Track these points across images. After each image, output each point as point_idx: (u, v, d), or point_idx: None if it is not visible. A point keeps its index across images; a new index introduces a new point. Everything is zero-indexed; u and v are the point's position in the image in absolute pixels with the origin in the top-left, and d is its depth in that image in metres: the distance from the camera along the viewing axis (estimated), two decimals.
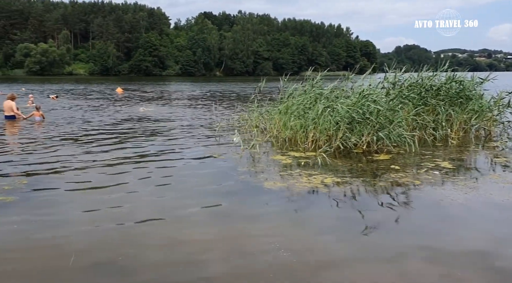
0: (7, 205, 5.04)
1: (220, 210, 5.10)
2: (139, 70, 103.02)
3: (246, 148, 8.51)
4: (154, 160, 7.71)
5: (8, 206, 5.02)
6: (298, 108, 9.32)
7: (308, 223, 4.78)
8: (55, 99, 23.55)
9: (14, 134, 11.33)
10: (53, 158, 7.81)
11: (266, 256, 3.83)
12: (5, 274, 3.47)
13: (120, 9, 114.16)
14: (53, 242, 4.08)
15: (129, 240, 4.14)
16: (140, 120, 14.12)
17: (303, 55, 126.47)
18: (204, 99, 26.38)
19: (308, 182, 6.13)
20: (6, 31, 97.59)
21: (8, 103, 13.47)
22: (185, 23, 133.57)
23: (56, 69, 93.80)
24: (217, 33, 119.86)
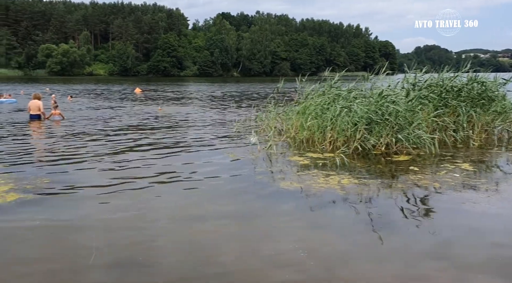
0: (28, 203, 5.12)
1: (237, 210, 5.09)
2: (158, 71, 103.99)
3: (263, 148, 8.48)
4: (171, 160, 7.74)
5: (30, 204, 5.09)
6: (316, 109, 9.25)
7: (324, 224, 4.73)
8: (70, 99, 23.91)
9: (37, 133, 11.54)
10: (74, 157, 7.91)
11: (282, 257, 3.80)
12: (27, 271, 3.52)
13: (140, 10, 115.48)
14: (74, 240, 4.13)
15: (147, 239, 4.16)
16: (158, 120, 14.23)
17: (321, 55, 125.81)
18: (221, 99, 26.46)
19: (325, 183, 6.07)
20: (28, 32, 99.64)
21: (36, 103, 13.74)
22: (203, 23, 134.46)
23: (76, 69, 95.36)
24: (235, 33, 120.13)
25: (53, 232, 4.32)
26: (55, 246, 3.99)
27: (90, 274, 3.45)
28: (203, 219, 4.77)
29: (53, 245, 4.01)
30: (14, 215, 4.74)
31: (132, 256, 3.77)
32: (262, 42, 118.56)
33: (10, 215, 4.74)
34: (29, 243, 4.06)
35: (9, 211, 4.84)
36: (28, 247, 3.98)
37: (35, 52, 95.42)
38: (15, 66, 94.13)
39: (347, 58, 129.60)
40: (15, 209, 4.90)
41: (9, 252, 3.85)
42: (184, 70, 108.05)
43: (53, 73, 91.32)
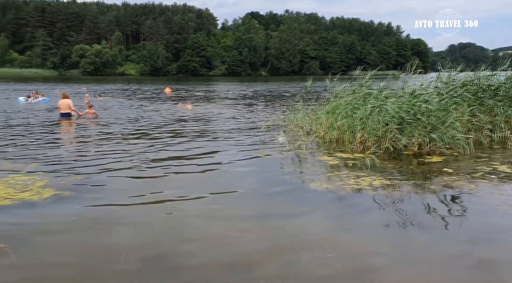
0: (63, 199, 5.27)
1: (265, 210, 5.07)
2: (187, 70, 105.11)
3: (291, 148, 8.43)
4: (199, 159, 7.81)
5: (65, 201, 5.23)
6: (346, 108, 9.12)
7: (354, 225, 4.65)
8: (100, 98, 24.47)
9: (70, 131, 11.87)
10: (106, 154, 8.09)
11: (311, 257, 3.76)
12: (61, 266, 3.61)
13: (170, 11, 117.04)
14: (106, 237, 4.21)
15: (176, 238, 4.20)
16: (187, 119, 14.37)
17: (351, 54, 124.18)
18: (250, 98, 26.51)
19: (356, 184, 5.97)
20: (63, 33, 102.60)
21: (65, 101, 14.18)
22: (232, 23, 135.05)
23: (109, 69, 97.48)
24: (264, 32, 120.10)
25: (87, 228, 4.42)
26: (88, 243, 4.08)
27: (121, 271, 3.50)
28: (231, 218, 4.77)
29: (87, 242, 4.10)
30: (50, 211, 4.88)
31: (162, 255, 3.80)
32: (291, 41, 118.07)
33: (47, 211, 4.89)
34: (64, 239, 4.16)
35: (45, 207, 4.99)
36: (62, 242, 4.08)
37: (70, 52, 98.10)
38: (51, 66, 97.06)
39: (378, 57, 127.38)
40: (51, 205, 5.05)
41: (45, 247, 3.96)
42: (213, 70, 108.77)
43: (86, 73, 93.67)
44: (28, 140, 9.81)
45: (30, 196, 5.30)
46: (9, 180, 5.97)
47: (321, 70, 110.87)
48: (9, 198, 5.19)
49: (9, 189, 5.52)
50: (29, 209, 4.89)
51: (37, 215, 4.75)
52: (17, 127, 12.15)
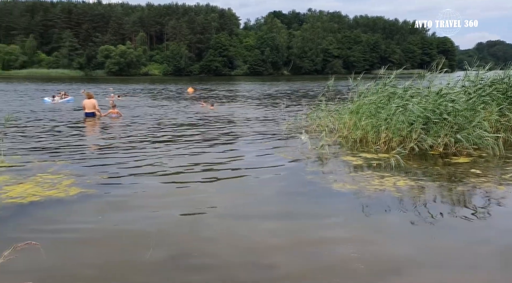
0: (89, 198, 5.37)
1: (287, 210, 5.05)
2: (209, 70, 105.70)
3: (314, 148, 8.37)
4: (221, 158, 7.83)
5: (91, 199, 5.33)
6: (370, 108, 9.01)
7: (378, 226, 4.58)
8: (119, 98, 24.81)
9: (94, 130, 12.10)
10: (129, 153, 8.21)
11: (333, 259, 3.74)
12: (87, 263, 3.68)
13: (193, 11, 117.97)
14: (132, 235, 4.27)
15: (201, 237, 4.22)
16: (209, 119, 14.46)
17: (375, 52, 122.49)
18: (272, 98, 26.48)
19: (380, 185, 5.89)
20: (89, 34, 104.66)
21: (91, 101, 14.47)
22: (255, 23, 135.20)
23: (133, 69, 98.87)
24: (286, 31, 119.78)
25: (112, 226, 4.49)
26: (114, 240, 4.14)
27: (147, 268, 3.54)
28: (253, 218, 4.77)
29: (112, 239, 4.17)
30: (77, 209, 4.98)
31: (188, 253, 3.83)
32: (313, 39, 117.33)
33: (73, 208, 4.99)
34: (90, 236, 4.24)
35: (72, 205, 5.09)
36: (89, 239, 4.16)
37: (95, 53, 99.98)
38: (77, 67, 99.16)
39: (403, 55, 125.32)
40: (77, 203, 5.15)
41: (72, 243, 4.04)
42: (235, 69, 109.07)
43: (111, 73, 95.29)
44: (54, 139, 10.05)
45: (57, 193, 5.42)
46: (37, 178, 6.12)
47: (344, 69, 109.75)
48: (37, 195, 5.33)
49: (37, 187, 5.66)
50: (57, 207, 5.00)
51: (64, 212, 4.85)
52: (44, 126, 12.46)
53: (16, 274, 3.22)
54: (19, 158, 7.62)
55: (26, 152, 8.30)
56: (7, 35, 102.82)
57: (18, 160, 7.44)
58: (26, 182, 5.93)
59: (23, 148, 8.70)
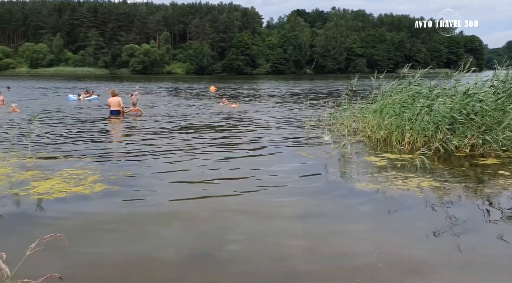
0: (113, 194, 5.46)
1: (309, 210, 5.02)
2: (231, 69, 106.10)
3: (336, 147, 8.30)
4: (244, 157, 7.86)
5: (115, 195, 5.42)
6: (394, 107, 8.87)
7: (400, 227, 4.51)
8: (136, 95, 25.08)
9: (119, 128, 12.30)
10: (153, 151, 8.32)
11: (355, 259, 3.70)
12: (110, 256, 3.74)
13: (216, 10, 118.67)
14: (154, 232, 4.32)
15: (221, 235, 4.24)
16: (231, 117, 14.50)
17: (399, 51, 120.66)
18: (294, 96, 26.38)
19: (404, 185, 5.79)
20: (114, 33, 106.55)
21: (116, 99, 14.75)
22: (278, 21, 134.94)
23: (156, 68, 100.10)
24: (309, 30, 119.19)
25: (135, 222, 4.56)
26: (137, 236, 4.20)
27: (167, 265, 3.57)
28: (275, 217, 4.76)
29: (135, 235, 4.22)
30: (101, 204, 5.07)
31: (208, 251, 3.85)
32: (337, 38, 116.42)
33: (98, 204, 5.08)
34: (114, 231, 4.31)
35: (97, 200, 5.19)
36: (112, 234, 4.23)
37: (120, 51, 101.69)
38: (102, 65, 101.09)
39: (428, 54, 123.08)
40: (102, 199, 5.24)
41: (96, 238, 4.12)
42: (257, 68, 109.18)
43: (135, 72, 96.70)
44: (80, 136, 10.26)
45: (83, 190, 5.53)
46: (63, 174, 6.26)
47: (368, 68, 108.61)
48: (63, 191, 5.44)
49: (63, 183, 5.79)
50: (82, 202, 5.10)
51: (89, 208, 4.94)
52: (69, 123, 12.74)
53: (43, 265, 3.30)
54: (46, 154, 7.81)
55: (53, 148, 8.50)
56: (36, 34, 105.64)
57: (45, 156, 7.63)
58: (53, 177, 6.07)
59: (50, 145, 8.91)
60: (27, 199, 5.15)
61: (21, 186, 5.62)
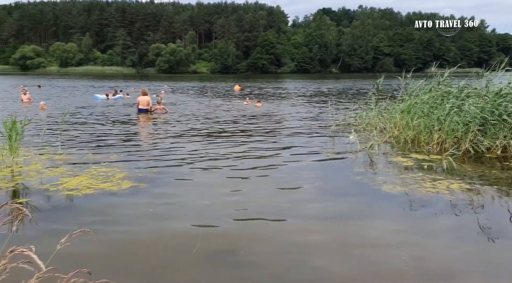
0: (141, 191, 5.54)
1: (334, 211, 4.97)
2: (256, 68, 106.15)
3: (363, 148, 8.19)
4: (268, 156, 7.83)
5: (142, 192, 5.50)
6: (422, 107, 8.69)
7: (429, 231, 4.41)
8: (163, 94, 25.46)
9: (147, 126, 12.48)
10: (178, 149, 8.40)
11: (380, 262, 3.63)
12: (137, 252, 3.80)
13: (242, 9, 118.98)
14: (181, 228, 4.36)
15: (246, 235, 4.24)
16: (256, 116, 14.51)
17: (428, 50, 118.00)
18: (319, 96, 26.20)
19: (432, 187, 5.66)
20: (141, 33, 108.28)
21: (145, 98, 15.02)
22: (303, 20, 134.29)
23: (182, 67, 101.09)
24: (335, 29, 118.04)
25: (162, 220, 4.61)
26: (163, 234, 4.24)
27: (192, 263, 3.60)
28: (299, 218, 4.72)
29: (162, 233, 4.27)
30: (128, 202, 5.15)
31: (233, 250, 3.86)
32: (364, 37, 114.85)
33: (125, 201, 5.16)
34: (140, 229, 4.37)
35: (124, 198, 5.27)
36: (139, 231, 4.28)
37: (147, 51, 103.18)
38: (129, 65, 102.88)
39: (458, 53, 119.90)
40: (129, 196, 5.32)
41: (123, 234, 4.18)
42: (282, 67, 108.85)
43: (161, 71, 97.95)
44: (107, 133, 10.46)
45: (110, 186, 5.63)
46: (91, 171, 6.39)
47: (396, 67, 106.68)
48: (91, 187, 5.55)
49: (92, 180, 5.91)
50: (109, 199, 5.20)
51: (117, 205, 5.03)
52: (97, 121, 13.00)
53: (72, 259, 3.37)
54: (75, 152, 7.98)
55: (82, 146, 8.69)
56: (66, 34, 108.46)
57: (74, 154, 7.80)
58: (82, 174, 6.20)
59: (79, 142, 9.11)
60: (57, 194, 5.28)
61: (51, 182, 5.76)
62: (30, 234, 4.04)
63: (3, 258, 1.87)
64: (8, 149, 6.96)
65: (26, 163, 6.87)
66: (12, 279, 1.90)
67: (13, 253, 1.85)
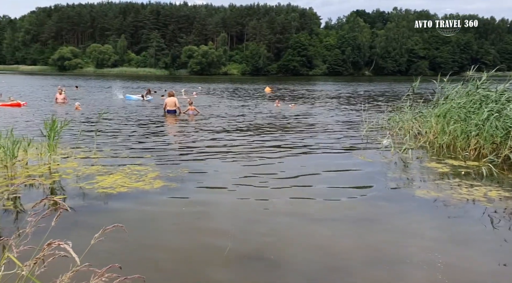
0: (172, 190, 5.61)
1: (365, 215, 4.88)
2: (287, 70, 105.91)
3: (396, 152, 8.02)
4: (299, 160, 7.78)
5: (173, 191, 5.58)
6: (459, 112, 8.44)
7: (465, 238, 4.27)
8: (196, 95, 25.85)
9: (176, 127, 12.64)
10: (208, 149, 8.48)
11: (412, 269, 3.54)
12: (168, 250, 3.84)
13: (274, 11, 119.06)
14: (212, 230, 4.39)
15: (277, 238, 4.21)
16: (287, 119, 14.46)
17: (465, 53, 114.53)
18: (351, 98, 25.87)
19: (468, 194, 5.48)
20: (174, 35, 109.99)
21: (172, 99, 15.27)
22: (336, 22, 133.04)
23: (213, 69, 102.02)
24: (369, 31, 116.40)
25: (193, 219, 4.65)
26: (195, 234, 4.28)
27: (223, 264, 3.61)
28: (330, 222, 4.67)
29: (193, 233, 4.31)
30: (160, 200, 5.23)
31: (263, 253, 3.84)
32: (398, 39, 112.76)
33: (157, 200, 5.24)
34: (171, 227, 4.43)
35: (156, 196, 5.36)
36: (170, 230, 4.34)
37: (179, 53, 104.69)
38: (162, 66, 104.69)
39: (498, 56, 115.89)
40: (161, 195, 5.40)
41: (155, 232, 4.25)
42: (313, 69, 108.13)
43: (193, 73, 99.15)
44: (140, 133, 10.67)
45: (143, 185, 5.73)
46: (125, 170, 6.53)
47: (431, 71, 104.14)
48: (125, 186, 5.67)
49: (126, 178, 6.03)
50: (142, 197, 5.29)
51: (149, 203, 5.12)
52: (131, 122, 13.28)
53: (105, 254, 3.46)
54: (109, 151, 8.17)
55: (116, 145, 8.89)
56: (102, 35, 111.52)
57: (108, 153, 7.99)
58: (116, 173, 6.35)
59: (113, 141, 9.33)
60: (92, 192, 5.42)
61: (86, 180, 5.92)
62: (67, 229, 4.15)
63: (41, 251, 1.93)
64: (47, 147, 7.22)
65: (63, 161, 7.08)
66: (49, 272, 1.95)
67: (51, 246, 1.90)
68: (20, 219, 4.51)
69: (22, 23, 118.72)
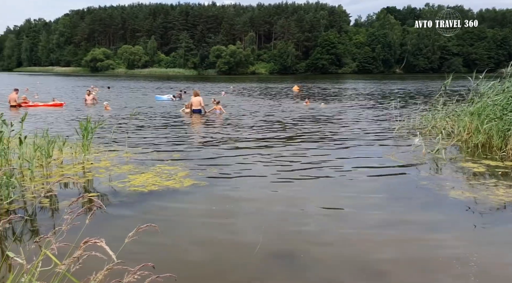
0: (201, 189, 5.68)
1: (399, 217, 4.78)
2: (315, 68, 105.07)
3: (428, 152, 7.83)
4: (329, 160, 7.70)
5: (203, 190, 5.64)
6: (494, 110, 8.16)
7: (502, 241, 4.13)
8: (225, 95, 26.22)
9: (202, 126, 12.76)
10: (235, 149, 8.54)
11: (444, 273, 3.44)
12: (199, 251, 3.88)
13: (302, 9, 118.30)
14: (241, 228, 4.41)
15: (307, 238, 4.19)
16: (315, 117, 14.36)
17: (502, 49, 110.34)
18: (383, 97, 25.44)
19: (506, 195, 5.30)
20: (203, 35, 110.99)
21: (197, 99, 15.45)
22: (366, 19, 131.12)
23: (241, 68, 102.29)
24: (400, 28, 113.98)
25: (224, 218, 4.68)
26: (225, 232, 4.31)
27: (252, 264, 3.61)
28: (361, 223, 4.59)
29: (224, 231, 4.34)
30: (191, 199, 5.29)
31: (292, 253, 3.83)
32: (430, 36, 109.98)
33: (187, 198, 5.32)
34: (202, 225, 4.47)
35: (186, 195, 5.43)
36: (201, 228, 4.38)
37: (208, 53, 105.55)
38: (191, 66, 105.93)
39: None
40: (191, 194, 5.47)
41: (186, 230, 4.30)
42: (343, 67, 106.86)
43: (221, 72, 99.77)
44: (169, 133, 10.85)
45: (173, 184, 5.81)
46: (156, 169, 6.64)
47: (465, 68, 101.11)
48: (156, 184, 5.77)
49: (156, 177, 6.13)
50: (173, 196, 5.37)
51: (180, 201, 5.19)
52: (161, 122, 13.50)
53: (138, 253, 3.52)
54: (141, 150, 8.33)
55: (146, 144, 9.05)
56: (133, 37, 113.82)
57: (140, 152, 8.15)
58: (147, 172, 6.46)
59: (143, 141, 9.50)
60: (124, 190, 5.53)
61: (119, 179, 6.05)
62: (100, 227, 4.25)
63: (77, 249, 1.98)
64: (81, 147, 7.42)
65: (96, 160, 7.27)
66: (83, 269, 2.00)
67: (86, 244, 1.95)
68: (56, 217, 4.65)
69: (56, 25, 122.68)
